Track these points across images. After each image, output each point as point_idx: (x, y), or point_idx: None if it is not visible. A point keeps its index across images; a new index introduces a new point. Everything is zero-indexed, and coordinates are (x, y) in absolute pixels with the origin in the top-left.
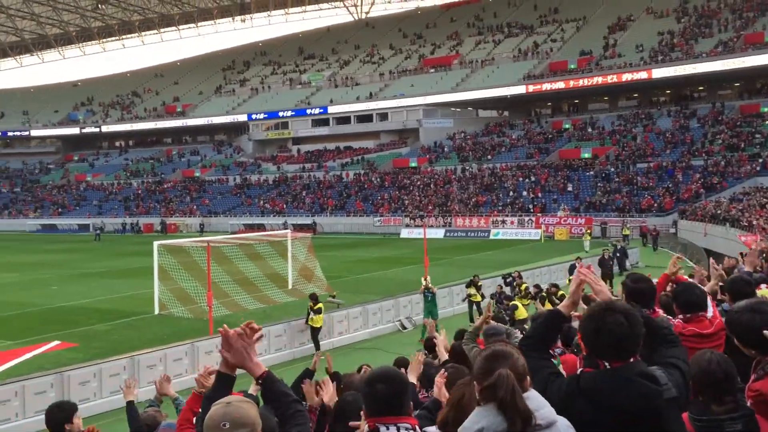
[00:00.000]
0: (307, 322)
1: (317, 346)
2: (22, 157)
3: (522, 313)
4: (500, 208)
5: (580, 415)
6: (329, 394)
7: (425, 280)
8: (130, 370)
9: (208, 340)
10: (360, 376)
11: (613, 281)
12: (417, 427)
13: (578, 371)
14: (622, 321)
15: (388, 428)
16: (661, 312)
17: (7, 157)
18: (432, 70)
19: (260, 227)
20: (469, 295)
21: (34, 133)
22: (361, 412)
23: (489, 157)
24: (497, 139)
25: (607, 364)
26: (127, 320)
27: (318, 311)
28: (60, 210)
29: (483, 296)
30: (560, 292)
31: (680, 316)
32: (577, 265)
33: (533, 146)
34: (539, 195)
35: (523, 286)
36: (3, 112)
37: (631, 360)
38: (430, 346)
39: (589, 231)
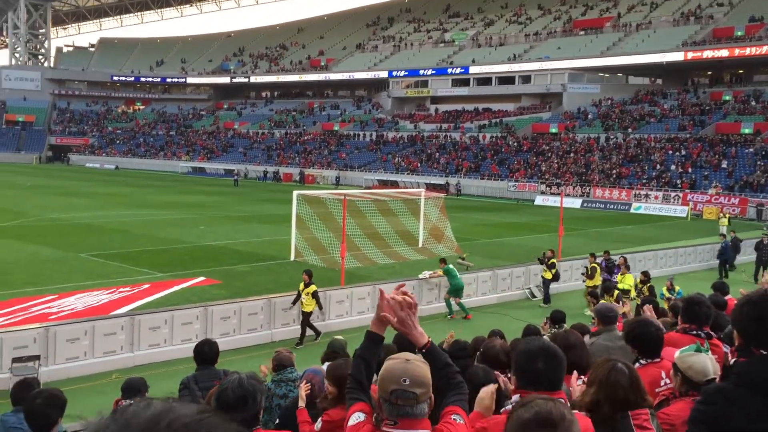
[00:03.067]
0: (294, 302)
1: (303, 336)
2: (177, 102)
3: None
4: (644, 181)
5: (744, 410)
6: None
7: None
8: (267, 310)
9: (340, 290)
10: (502, 344)
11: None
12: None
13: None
14: None
15: None
16: None
17: (165, 102)
18: (582, 33)
19: (393, 184)
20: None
21: (190, 80)
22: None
23: (636, 126)
24: (647, 108)
25: (763, 352)
26: (265, 264)
27: (314, 294)
28: (209, 155)
29: (557, 275)
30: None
31: None
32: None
33: (687, 118)
34: (689, 170)
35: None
36: (163, 59)
37: None
38: (557, 318)
39: (725, 214)
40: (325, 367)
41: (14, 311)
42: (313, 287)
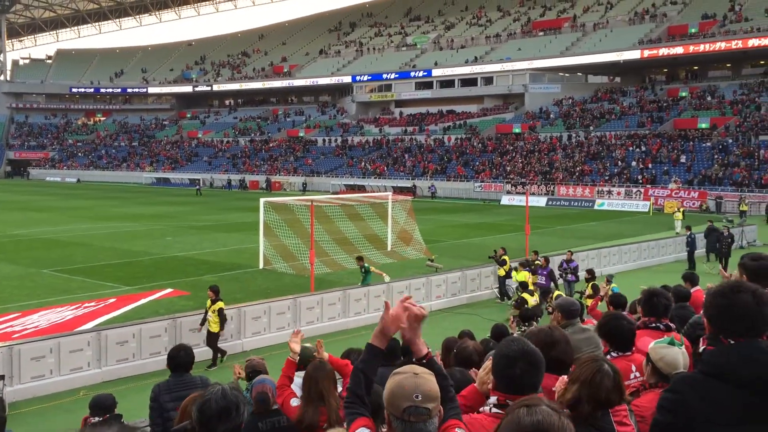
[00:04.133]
0: (203, 323)
1: (216, 357)
2: (139, 113)
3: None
4: (606, 178)
5: (710, 398)
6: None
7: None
8: (237, 320)
9: (310, 297)
10: (474, 345)
11: (728, 261)
12: None
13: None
14: (749, 300)
15: None
16: None
17: (126, 113)
18: (541, 33)
19: (361, 188)
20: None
21: (151, 90)
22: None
23: (597, 124)
24: (607, 106)
25: (731, 341)
26: (234, 273)
27: (219, 312)
28: (173, 165)
29: (510, 270)
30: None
31: None
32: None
33: (645, 114)
34: (649, 166)
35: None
36: (123, 69)
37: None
38: (525, 316)
39: (681, 209)
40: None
41: None
42: (219, 304)
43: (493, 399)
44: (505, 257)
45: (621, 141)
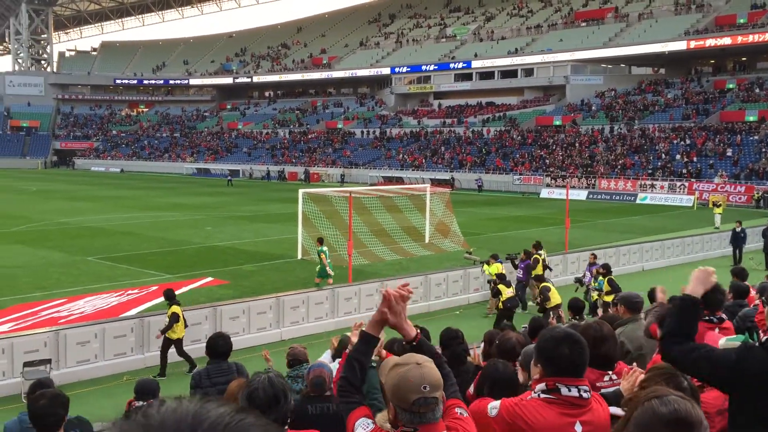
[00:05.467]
0: (164, 331)
1: (191, 360)
2: (181, 104)
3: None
4: (649, 171)
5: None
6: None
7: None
8: (276, 309)
9: (348, 287)
10: (517, 336)
11: None
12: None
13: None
14: None
15: (569, 389)
16: None
17: (168, 104)
18: (583, 24)
19: (398, 180)
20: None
21: (193, 81)
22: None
23: (640, 117)
24: (651, 98)
25: None
26: (273, 263)
27: (174, 317)
28: (213, 155)
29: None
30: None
31: None
32: None
33: (691, 107)
34: (694, 159)
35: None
36: (165, 61)
37: None
38: (576, 306)
39: (719, 202)
40: (325, 362)
41: (24, 316)
42: (174, 308)
43: (540, 386)
44: (538, 255)
45: (665, 134)
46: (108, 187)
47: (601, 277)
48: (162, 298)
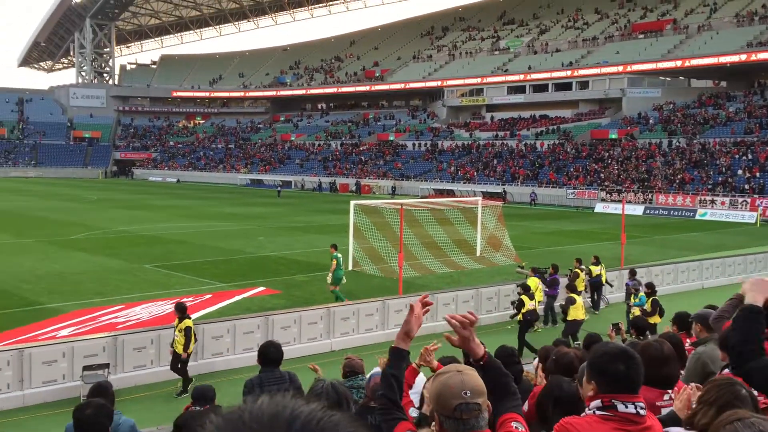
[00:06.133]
0: (186, 348)
1: (186, 382)
2: (236, 116)
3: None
4: (709, 186)
5: None
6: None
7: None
8: (326, 319)
9: (398, 299)
10: (575, 351)
11: None
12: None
13: None
14: None
15: (626, 406)
16: None
17: (224, 116)
18: (641, 36)
19: (450, 193)
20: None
21: (248, 94)
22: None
23: (700, 131)
24: (711, 111)
25: None
26: (324, 273)
27: (186, 331)
28: (267, 166)
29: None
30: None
31: None
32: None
33: (753, 121)
34: (757, 175)
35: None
36: (221, 74)
37: None
38: (640, 326)
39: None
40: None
41: (84, 321)
42: (186, 322)
43: (596, 402)
44: (578, 270)
45: (726, 148)
46: (165, 197)
47: (643, 295)
48: (215, 307)
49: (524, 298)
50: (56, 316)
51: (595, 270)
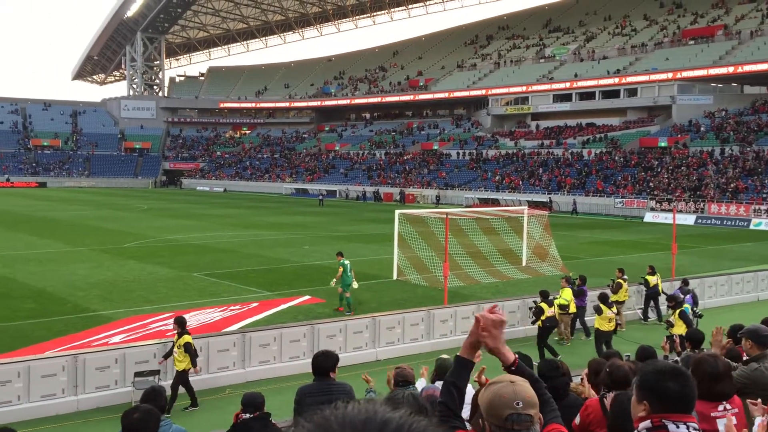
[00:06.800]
0: (167, 356)
1: (193, 396)
2: (281, 126)
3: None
4: (764, 195)
5: None
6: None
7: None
8: (372, 329)
9: (444, 309)
10: (629, 364)
11: None
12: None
13: None
14: None
15: (678, 426)
16: None
17: (269, 126)
18: (691, 42)
19: (494, 202)
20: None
21: (293, 104)
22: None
23: (754, 138)
24: (766, 118)
25: None
26: (368, 283)
27: (186, 347)
28: (312, 176)
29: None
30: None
31: None
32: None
33: None
34: None
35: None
36: (267, 85)
37: None
38: (696, 339)
39: None
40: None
41: (135, 328)
42: (185, 338)
43: (645, 423)
44: (621, 280)
45: None
46: (212, 206)
47: (670, 310)
48: (262, 315)
49: (543, 305)
50: (108, 322)
51: (652, 280)
